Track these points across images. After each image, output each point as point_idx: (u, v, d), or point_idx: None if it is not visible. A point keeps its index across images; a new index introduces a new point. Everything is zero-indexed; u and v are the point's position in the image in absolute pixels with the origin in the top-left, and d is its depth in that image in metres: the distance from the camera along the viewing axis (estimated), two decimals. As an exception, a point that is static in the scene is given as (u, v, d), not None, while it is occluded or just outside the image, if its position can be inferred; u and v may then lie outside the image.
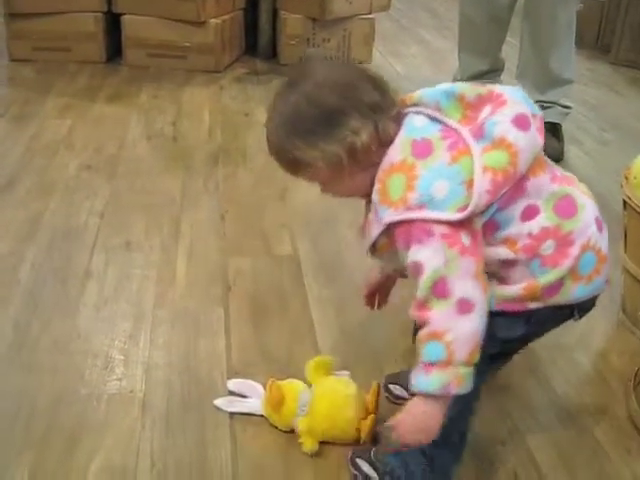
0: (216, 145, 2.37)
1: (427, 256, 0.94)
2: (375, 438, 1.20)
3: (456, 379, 0.92)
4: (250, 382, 1.32)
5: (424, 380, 0.93)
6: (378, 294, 1.29)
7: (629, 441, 1.26)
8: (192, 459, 1.18)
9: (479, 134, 0.98)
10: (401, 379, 1.26)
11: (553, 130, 2.37)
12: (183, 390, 1.32)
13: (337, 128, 1.00)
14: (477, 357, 0.93)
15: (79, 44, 3.02)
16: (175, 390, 1.32)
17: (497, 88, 1.03)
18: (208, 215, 1.93)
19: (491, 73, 2.55)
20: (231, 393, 1.31)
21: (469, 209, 0.94)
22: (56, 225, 1.84)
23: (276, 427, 1.24)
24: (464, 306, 0.93)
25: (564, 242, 0.99)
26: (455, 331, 0.92)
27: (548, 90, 2.35)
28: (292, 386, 1.26)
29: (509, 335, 1.03)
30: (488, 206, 0.96)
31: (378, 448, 1.16)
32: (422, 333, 0.94)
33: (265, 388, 1.27)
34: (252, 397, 1.29)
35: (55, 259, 1.70)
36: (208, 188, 2.08)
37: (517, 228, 0.99)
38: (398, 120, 1.03)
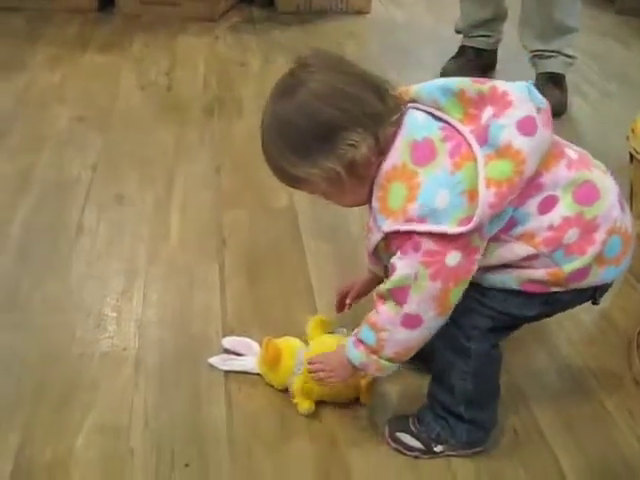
0: (211, 96, 2.31)
1: (403, 264, 0.97)
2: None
3: (376, 365, 1.03)
4: (246, 339, 1.29)
5: (352, 350, 1.04)
6: (354, 298, 1.28)
7: (632, 403, 1.24)
8: (186, 418, 1.16)
9: (483, 138, 0.94)
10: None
11: (556, 80, 2.31)
12: (177, 348, 1.30)
13: (335, 143, 0.96)
14: (404, 358, 1.03)
15: (70, -8, 2.93)
16: (169, 348, 1.30)
17: (500, 86, 0.97)
18: (203, 168, 1.89)
19: (493, 21, 2.48)
20: (226, 351, 1.28)
21: (472, 224, 0.92)
22: (47, 179, 1.80)
23: (272, 386, 1.21)
24: (410, 321, 0.98)
25: (588, 228, 0.97)
26: (391, 333, 1.00)
27: (552, 39, 2.28)
28: (289, 344, 1.23)
29: (522, 313, 1.03)
30: (495, 216, 0.93)
31: (420, 415, 1.14)
32: (370, 314, 1.03)
33: (261, 346, 1.24)
34: (247, 355, 1.26)
35: (46, 214, 1.66)
36: (203, 140, 2.03)
37: (536, 222, 0.97)
38: (398, 119, 0.99)
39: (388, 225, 0.97)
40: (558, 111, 2.26)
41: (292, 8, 3.10)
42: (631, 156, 1.47)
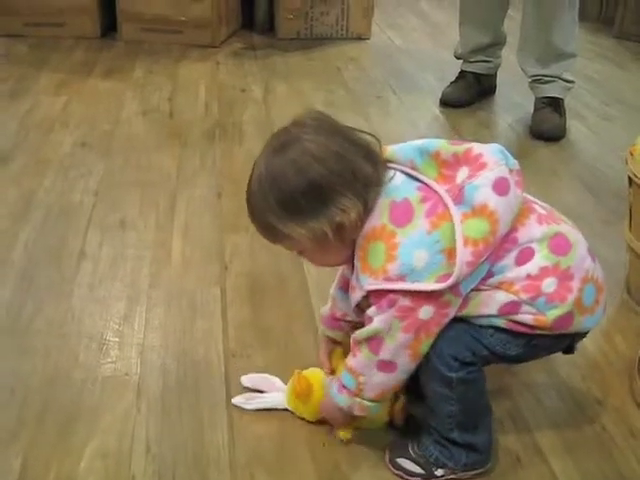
0: (212, 121, 2.34)
1: (378, 319, 1.01)
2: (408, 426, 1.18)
3: (360, 407, 1.08)
4: (266, 375, 1.27)
5: (336, 394, 1.09)
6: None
7: (634, 425, 1.23)
8: (188, 443, 1.16)
9: (459, 198, 0.98)
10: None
11: (555, 105, 2.33)
12: (179, 372, 1.30)
13: (326, 205, 0.98)
14: (386, 397, 1.09)
15: (73, 19, 2.97)
16: (171, 373, 1.30)
17: (475, 147, 1.01)
18: (204, 192, 1.90)
19: (492, 47, 2.50)
20: (246, 389, 1.26)
21: (450, 280, 0.96)
22: (50, 203, 1.81)
23: (302, 418, 1.20)
24: (386, 366, 1.03)
25: (565, 277, 1.01)
26: (368, 377, 1.05)
27: (550, 64, 2.31)
28: (316, 374, 1.21)
29: (504, 351, 1.05)
30: (471, 273, 0.97)
31: (420, 440, 1.13)
32: (348, 359, 1.08)
33: (281, 380, 1.24)
34: (270, 391, 1.24)
35: (49, 238, 1.67)
36: (204, 165, 2.05)
37: (514, 272, 1.01)
38: (385, 179, 1.02)
39: (369, 283, 1.00)
40: (557, 135, 2.28)
41: (292, 34, 3.13)
42: (630, 179, 1.48)
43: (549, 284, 1.00)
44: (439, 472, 1.11)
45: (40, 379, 1.27)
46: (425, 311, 0.99)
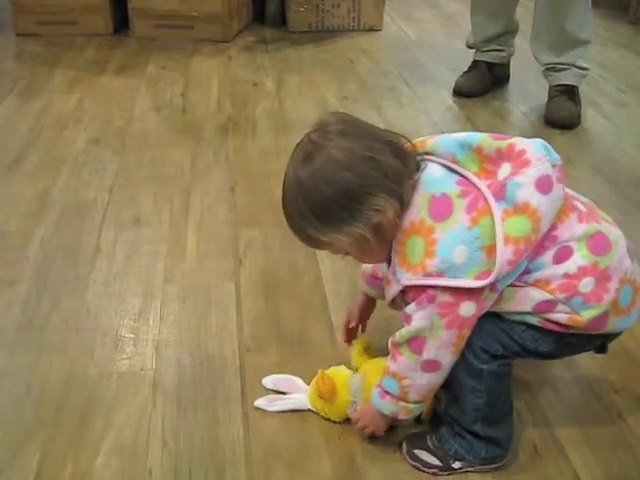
0: (225, 116, 2.33)
1: (419, 316, 0.99)
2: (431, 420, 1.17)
3: (404, 410, 1.07)
4: (287, 376, 1.26)
5: (379, 401, 1.08)
6: (360, 323, 1.29)
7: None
8: (204, 438, 1.16)
9: (500, 195, 0.96)
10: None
11: (570, 93, 2.31)
12: (194, 368, 1.30)
13: (361, 209, 0.98)
14: (430, 397, 1.08)
15: (85, 16, 2.98)
16: (186, 368, 1.30)
17: (518, 143, 0.99)
18: (218, 187, 1.90)
19: (505, 35, 2.48)
20: (268, 390, 1.25)
21: (490, 278, 0.95)
22: (65, 201, 1.82)
23: (328, 419, 1.19)
24: (430, 366, 1.02)
25: (602, 277, 0.99)
26: (413, 380, 1.03)
27: (564, 52, 2.29)
28: (339, 373, 1.20)
29: (535, 348, 1.05)
30: (511, 271, 0.96)
31: (437, 433, 1.13)
32: (388, 365, 1.06)
33: (303, 380, 1.24)
34: (293, 392, 1.23)
35: (64, 235, 1.68)
36: (218, 160, 2.05)
37: (551, 270, 0.99)
38: (418, 172, 1.01)
39: (407, 278, 0.99)
40: (572, 123, 2.26)
41: (304, 27, 3.13)
42: (646, 167, 1.46)
43: (586, 284, 0.99)
44: (456, 465, 1.10)
45: (56, 375, 1.27)
46: (466, 307, 0.98)
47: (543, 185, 0.96)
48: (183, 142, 2.14)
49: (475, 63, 2.54)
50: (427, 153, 1.03)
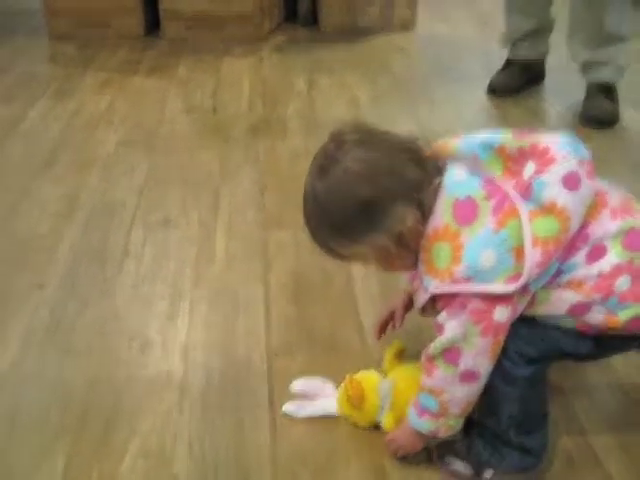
0: (256, 117, 2.32)
1: (451, 325, 0.96)
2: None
3: (445, 427, 1.02)
4: (316, 381, 1.23)
5: (417, 420, 1.03)
6: (396, 317, 1.25)
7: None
8: (230, 443, 1.14)
9: (526, 195, 0.93)
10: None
11: (607, 91, 2.25)
12: (221, 372, 1.28)
13: (380, 219, 0.96)
14: (469, 410, 1.02)
15: (118, 19, 3.00)
16: (213, 372, 1.28)
17: (542, 141, 0.95)
18: (248, 189, 1.88)
19: (539, 32, 2.43)
20: (296, 395, 1.23)
21: (520, 282, 0.91)
22: (94, 202, 1.82)
23: (356, 424, 1.17)
24: (468, 376, 0.98)
25: (639, 275, 0.95)
26: (452, 394, 0.99)
27: (602, 47, 2.23)
28: (369, 378, 1.17)
29: (574, 351, 1.01)
30: (541, 273, 0.93)
31: (471, 440, 1.09)
32: (423, 381, 1.02)
33: (332, 384, 1.21)
34: (321, 396, 1.21)
35: (93, 238, 1.67)
36: (248, 160, 2.03)
37: (584, 270, 0.95)
38: (439, 177, 0.98)
39: (435, 286, 0.96)
40: (609, 122, 2.21)
41: (336, 26, 3.10)
42: (687, 167, 1.41)
43: (622, 283, 0.95)
44: (488, 473, 1.07)
45: (83, 379, 1.27)
46: (500, 312, 0.94)
47: (570, 182, 0.92)
48: (213, 143, 2.13)
49: (509, 62, 2.50)
50: (449, 156, 1.00)
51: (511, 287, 0.92)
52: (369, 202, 0.96)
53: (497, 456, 1.06)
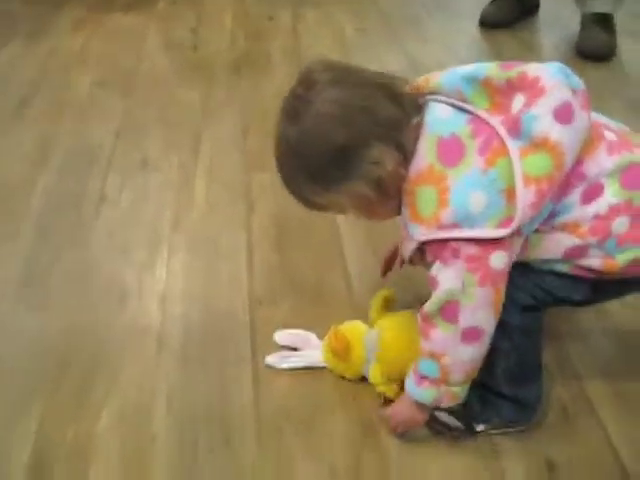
0: (239, 52, 2.23)
1: (446, 277, 0.89)
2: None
3: (448, 395, 0.95)
4: (300, 332, 1.18)
5: (417, 390, 0.96)
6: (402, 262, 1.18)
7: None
8: (212, 398, 1.10)
9: (515, 130, 0.85)
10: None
11: (603, 21, 2.16)
12: (202, 323, 1.23)
13: (356, 164, 0.89)
14: (474, 375, 0.95)
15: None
16: (193, 323, 1.23)
17: (530, 70, 0.87)
18: (230, 129, 1.81)
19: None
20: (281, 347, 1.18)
21: (512, 225, 0.84)
22: (69, 146, 1.74)
23: (343, 377, 1.12)
24: (470, 335, 0.91)
25: (638, 216, 0.89)
26: (453, 356, 0.91)
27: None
28: (354, 329, 1.12)
29: (569, 297, 0.96)
30: (535, 215, 0.86)
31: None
32: (422, 346, 0.94)
33: (317, 336, 1.16)
34: (305, 349, 1.16)
35: (68, 183, 1.60)
36: (230, 100, 1.95)
37: (579, 212, 0.89)
38: (419, 115, 0.90)
39: (421, 233, 0.90)
40: (606, 54, 2.12)
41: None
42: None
43: (620, 224, 0.89)
44: (480, 427, 1.03)
45: (58, 332, 1.22)
46: (496, 258, 0.87)
47: (562, 114, 0.84)
48: (194, 82, 2.04)
49: (502, -8, 2.39)
50: (431, 92, 0.93)
51: (503, 232, 0.86)
52: (344, 146, 0.89)
53: (490, 409, 1.02)
